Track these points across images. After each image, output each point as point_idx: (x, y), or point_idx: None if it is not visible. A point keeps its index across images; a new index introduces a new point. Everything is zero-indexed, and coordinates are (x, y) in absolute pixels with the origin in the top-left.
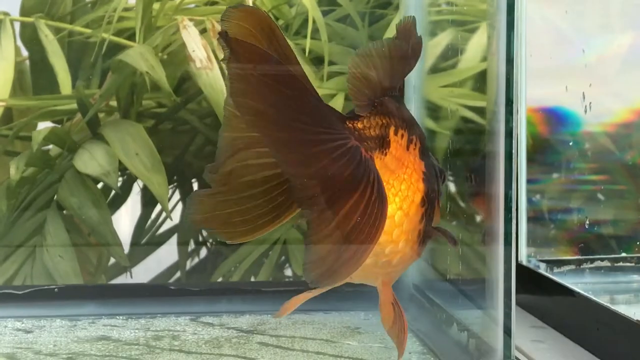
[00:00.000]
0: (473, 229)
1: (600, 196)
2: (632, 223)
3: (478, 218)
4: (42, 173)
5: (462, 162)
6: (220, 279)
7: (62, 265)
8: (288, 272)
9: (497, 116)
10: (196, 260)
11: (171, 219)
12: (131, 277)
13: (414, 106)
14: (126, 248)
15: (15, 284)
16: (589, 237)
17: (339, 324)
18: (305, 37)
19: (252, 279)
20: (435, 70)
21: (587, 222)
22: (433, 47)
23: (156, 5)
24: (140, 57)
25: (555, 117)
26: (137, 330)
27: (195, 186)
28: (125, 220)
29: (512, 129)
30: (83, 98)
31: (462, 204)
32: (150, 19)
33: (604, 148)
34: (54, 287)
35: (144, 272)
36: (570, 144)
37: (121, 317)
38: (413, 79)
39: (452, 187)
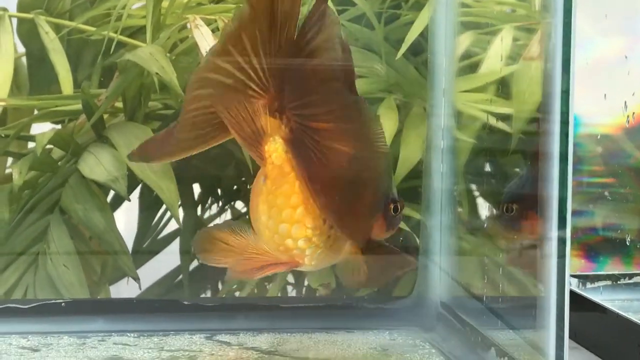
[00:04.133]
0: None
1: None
2: None
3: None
4: (44, 177)
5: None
6: (237, 294)
7: (67, 276)
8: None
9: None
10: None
11: (180, 226)
12: (140, 288)
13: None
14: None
15: (17, 294)
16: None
17: (364, 345)
18: None
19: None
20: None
21: (629, 238)
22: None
23: (164, 4)
24: (150, 57)
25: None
26: (150, 350)
27: (197, 188)
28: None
29: (567, 130)
30: (89, 99)
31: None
32: (159, 17)
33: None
34: (61, 301)
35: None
36: None
37: (132, 335)
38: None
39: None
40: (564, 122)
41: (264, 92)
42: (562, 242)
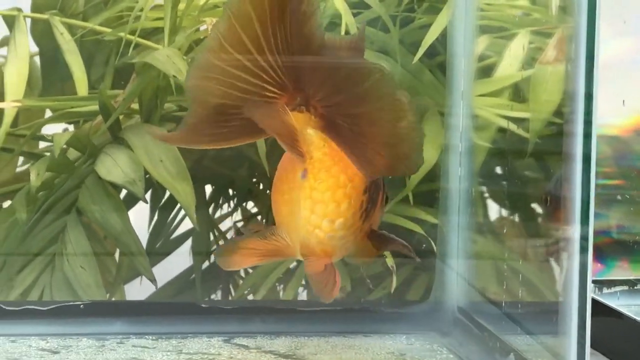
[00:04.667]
0: (536, 241)
1: None
2: None
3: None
4: (60, 178)
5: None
6: (251, 297)
7: (84, 277)
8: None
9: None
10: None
11: (196, 227)
12: (156, 286)
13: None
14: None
15: (34, 295)
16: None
17: (382, 349)
18: None
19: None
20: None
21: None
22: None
23: (181, 6)
24: (167, 60)
25: None
26: (169, 353)
27: (208, 189)
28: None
29: (591, 131)
30: (106, 101)
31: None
32: (175, 20)
33: None
34: (79, 303)
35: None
36: None
37: (151, 337)
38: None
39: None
40: (587, 123)
41: (282, 91)
42: (584, 249)
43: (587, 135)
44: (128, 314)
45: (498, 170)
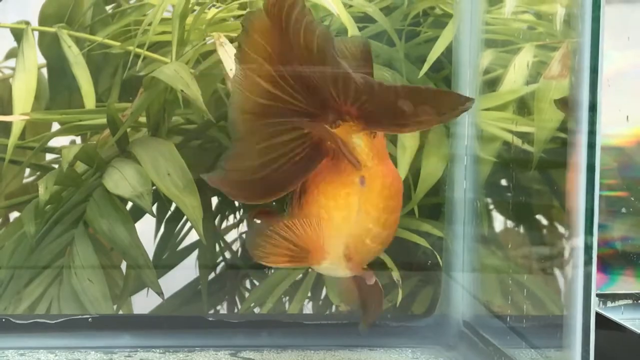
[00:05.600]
0: (540, 253)
1: None
2: None
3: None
4: (67, 191)
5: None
6: (257, 310)
7: (92, 290)
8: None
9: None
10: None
11: (203, 241)
12: (163, 299)
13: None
14: None
15: (41, 308)
16: None
17: None
18: None
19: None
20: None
21: None
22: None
23: (188, 20)
24: (175, 74)
25: None
26: None
27: (214, 201)
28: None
29: (595, 141)
30: (114, 114)
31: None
32: (182, 33)
33: None
34: (87, 316)
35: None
36: None
37: (158, 350)
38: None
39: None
40: (591, 133)
41: (313, 117)
42: (588, 261)
43: (592, 146)
44: (136, 327)
45: (503, 182)
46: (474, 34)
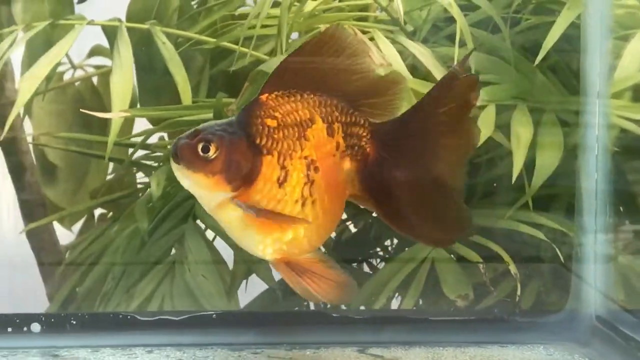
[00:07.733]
0: None
1: None
2: None
3: None
4: (172, 187)
5: None
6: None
7: (207, 285)
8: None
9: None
10: None
11: None
12: (282, 298)
13: None
14: None
15: (153, 304)
16: None
17: None
18: (435, 43)
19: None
20: None
21: None
22: None
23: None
24: None
25: None
26: None
27: None
28: None
29: None
30: (220, 109)
31: None
32: (289, 26)
33: None
34: (211, 313)
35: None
36: None
37: (284, 347)
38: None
39: None
40: None
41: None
42: None
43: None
44: (260, 323)
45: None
46: (604, 19)
